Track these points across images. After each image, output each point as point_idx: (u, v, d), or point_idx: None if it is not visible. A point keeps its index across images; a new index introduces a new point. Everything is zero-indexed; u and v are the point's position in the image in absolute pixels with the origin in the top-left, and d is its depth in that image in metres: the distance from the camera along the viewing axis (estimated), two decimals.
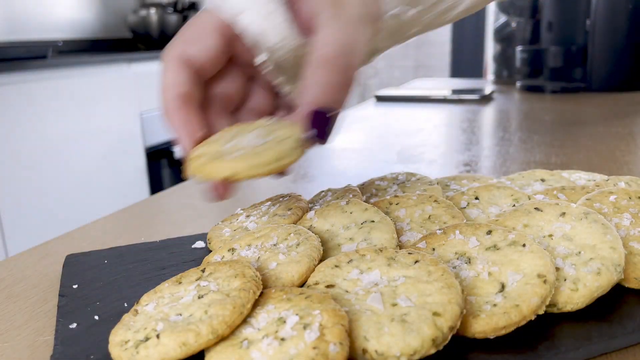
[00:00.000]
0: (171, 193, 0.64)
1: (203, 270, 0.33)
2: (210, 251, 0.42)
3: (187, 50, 0.33)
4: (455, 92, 1.31)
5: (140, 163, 2.06)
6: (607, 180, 0.45)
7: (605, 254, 0.32)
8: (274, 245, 0.36)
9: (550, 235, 0.34)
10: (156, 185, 2.15)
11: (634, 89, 1.24)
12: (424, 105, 1.26)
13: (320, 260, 0.34)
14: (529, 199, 0.42)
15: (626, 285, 0.33)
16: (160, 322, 0.28)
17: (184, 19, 2.72)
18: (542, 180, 0.48)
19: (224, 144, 0.33)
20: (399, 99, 1.34)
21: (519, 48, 1.37)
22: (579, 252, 0.33)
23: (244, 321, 0.28)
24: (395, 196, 0.42)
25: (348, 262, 0.32)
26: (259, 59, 0.34)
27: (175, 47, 0.33)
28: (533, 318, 0.28)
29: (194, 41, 0.33)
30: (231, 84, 0.37)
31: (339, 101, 0.30)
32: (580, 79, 1.27)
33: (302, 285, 0.33)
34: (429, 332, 0.26)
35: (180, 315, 0.29)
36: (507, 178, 0.49)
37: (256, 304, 0.29)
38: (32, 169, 1.66)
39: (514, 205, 0.41)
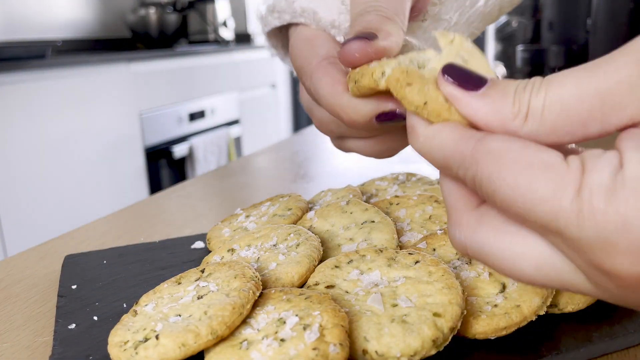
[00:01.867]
0: (170, 193, 0.64)
1: (202, 271, 0.33)
2: (210, 251, 0.42)
3: (318, 53, 0.31)
4: None
5: (139, 163, 2.06)
6: None
7: None
8: (274, 245, 0.36)
9: None
10: (155, 186, 2.15)
11: None
12: None
13: (320, 261, 0.34)
14: None
15: None
16: (160, 322, 0.28)
17: (184, 18, 2.72)
18: None
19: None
20: None
21: (520, 47, 1.37)
22: None
23: (244, 322, 0.28)
24: (396, 196, 0.42)
25: (348, 263, 0.32)
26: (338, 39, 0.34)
27: (311, 59, 0.32)
28: (534, 319, 0.28)
29: (317, 46, 0.32)
30: None
31: (377, 28, 0.27)
32: None
33: (302, 285, 0.32)
34: (430, 333, 0.25)
35: (180, 315, 0.28)
36: None
37: (256, 304, 0.29)
38: (31, 169, 1.66)
39: None
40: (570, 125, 0.19)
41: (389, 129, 0.30)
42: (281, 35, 0.38)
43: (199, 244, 0.43)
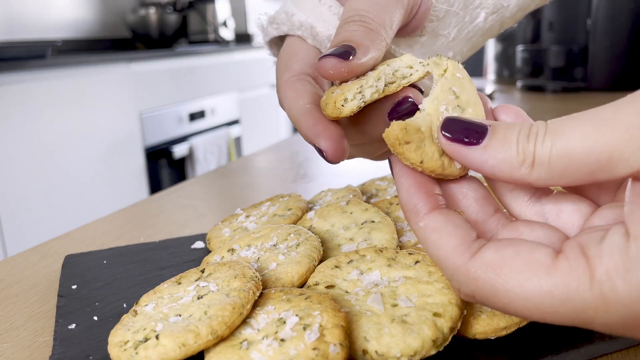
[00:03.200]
0: (170, 193, 0.64)
1: (202, 271, 0.33)
2: (210, 251, 0.42)
3: (291, 68, 0.33)
4: None
5: (139, 163, 2.06)
6: None
7: None
8: (274, 245, 0.36)
9: None
10: (155, 186, 2.15)
11: (635, 88, 1.24)
12: None
13: (320, 261, 0.34)
14: None
15: None
16: (160, 322, 0.28)
17: (184, 18, 2.72)
18: None
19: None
20: None
21: (519, 47, 1.37)
22: None
23: (244, 322, 0.28)
24: (396, 196, 0.42)
25: (348, 263, 0.32)
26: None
27: (283, 72, 0.33)
28: None
29: (293, 60, 0.33)
30: None
31: (358, 42, 0.28)
32: (581, 78, 1.27)
33: (302, 285, 0.32)
34: (430, 333, 0.25)
35: (180, 315, 0.28)
36: None
37: (256, 304, 0.29)
38: (31, 169, 1.66)
39: None
40: (579, 174, 0.19)
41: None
42: (281, 43, 0.38)
43: (199, 244, 0.44)
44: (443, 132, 0.23)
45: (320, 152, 0.29)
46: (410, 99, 0.28)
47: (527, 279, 0.19)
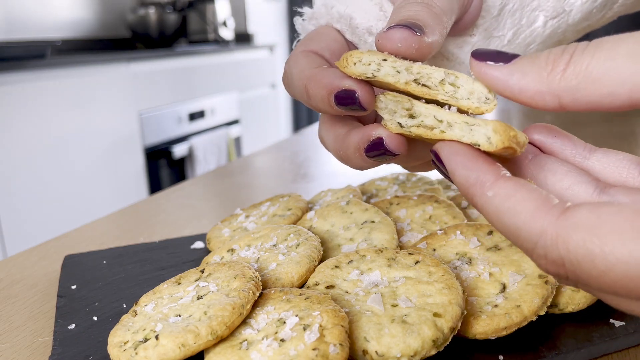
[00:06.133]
0: (170, 193, 0.64)
1: (202, 271, 0.33)
2: (210, 252, 0.42)
3: (308, 46, 0.31)
4: None
5: (139, 163, 2.06)
6: None
7: None
8: (274, 245, 0.36)
9: None
10: (155, 186, 2.15)
11: None
12: None
13: (320, 261, 0.34)
14: None
15: None
16: (160, 322, 0.28)
17: (183, 18, 2.72)
18: None
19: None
20: None
21: None
22: None
23: (244, 322, 0.28)
24: (396, 196, 0.42)
25: (348, 263, 0.32)
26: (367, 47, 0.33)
27: (298, 47, 0.32)
28: (534, 319, 0.28)
29: (314, 40, 0.32)
30: None
31: (424, 22, 0.25)
32: None
33: (302, 285, 0.32)
34: (430, 333, 0.25)
35: (180, 316, 0.28)
36: None
37: (256, 304, 0.29)
38: (30, 169, 1.65)
39: None
40: (619, 85, 0.17)
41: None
42: None
43: (198, 244, 0.43)
44: (473, 57, 0.21)
45: (350, 98, 0.25)
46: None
47: (632, 240, 0.15)
